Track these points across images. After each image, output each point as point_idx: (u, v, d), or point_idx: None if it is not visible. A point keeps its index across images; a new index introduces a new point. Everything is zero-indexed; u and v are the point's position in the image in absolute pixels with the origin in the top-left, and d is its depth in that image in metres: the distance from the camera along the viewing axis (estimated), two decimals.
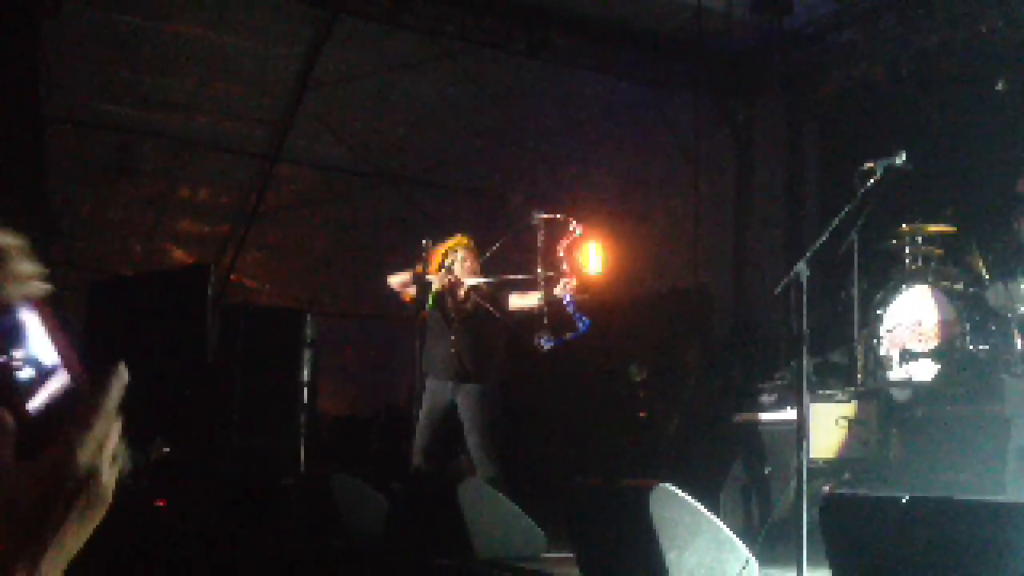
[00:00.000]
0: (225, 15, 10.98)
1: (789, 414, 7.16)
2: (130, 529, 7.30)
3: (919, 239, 7.76)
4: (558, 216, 7.05)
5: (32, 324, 0.87)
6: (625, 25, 11.32)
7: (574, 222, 6.94)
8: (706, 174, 11.96)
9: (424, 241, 7.27)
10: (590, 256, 7.09)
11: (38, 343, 0.87)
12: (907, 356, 7.32)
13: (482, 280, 7.24)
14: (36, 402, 0.85)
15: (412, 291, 7.25)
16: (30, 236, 0.97)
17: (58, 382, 0.86)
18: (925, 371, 7.28)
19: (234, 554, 7.32)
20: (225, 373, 10.37)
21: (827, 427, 7.00)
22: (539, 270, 6.89)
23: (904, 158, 5.39)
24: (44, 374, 0.87)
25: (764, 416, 7.60)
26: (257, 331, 10.53)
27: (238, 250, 12.77)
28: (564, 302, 6.80)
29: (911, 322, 7.44)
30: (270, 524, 7.58)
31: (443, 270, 7.18)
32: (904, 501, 3.95)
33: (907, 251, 7.79)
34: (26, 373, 0.85)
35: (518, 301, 7.16)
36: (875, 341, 7.59)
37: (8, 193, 10.16)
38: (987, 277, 7.41)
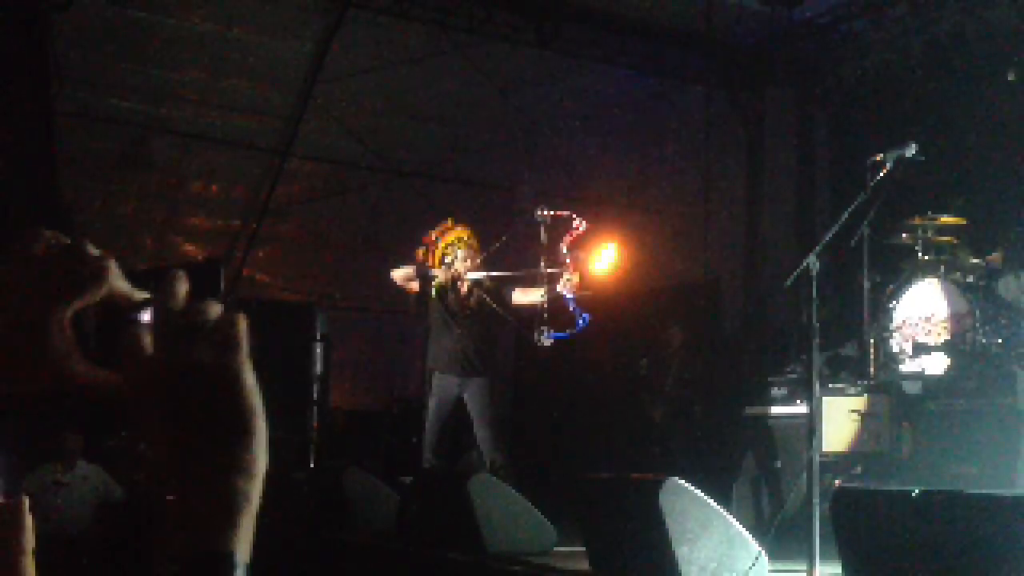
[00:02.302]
0: (235, 9, 10.98)
1: (800, 408, 7.13)
2: (141, 525, 7.32)
3: (930, 231, 7.72)
4: (563, 212, 7.04)
5: None
6: (635, 17, 11.29)
7: (578, 218, 6.93)
8: (717, 166, 11.95)
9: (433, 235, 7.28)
10: (600, 255, 7.08)
11: None
12: (918, 349, 7.30)
13: (484, 275, 7.24)
14: None
15: (415, 285, 7.26)
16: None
17: None
18: (936, 364, 7.25)
19: None
20: None
21: (838, 421, 6.98)
22: (542, 265, 6.89)
23: (915, 149, 5.37)
24: None
25: (775, 410, 7.58)
26: (268, 326, 10.55)
27: (249, 245, 12.79)
28: (565, 298, 6.80)
29: (922, 315, 7.42)
30: (282, 518, 7.59)
31: (443, 266, 7.18)
32: (915, 495, 3.94)
33: (918, 244, 7.75)
34: None
35: (521, 296, 7.16)
36: (886, 334, 7.56)
37: (19, 188, 10.19)
38: (999, 269, 7.38)
